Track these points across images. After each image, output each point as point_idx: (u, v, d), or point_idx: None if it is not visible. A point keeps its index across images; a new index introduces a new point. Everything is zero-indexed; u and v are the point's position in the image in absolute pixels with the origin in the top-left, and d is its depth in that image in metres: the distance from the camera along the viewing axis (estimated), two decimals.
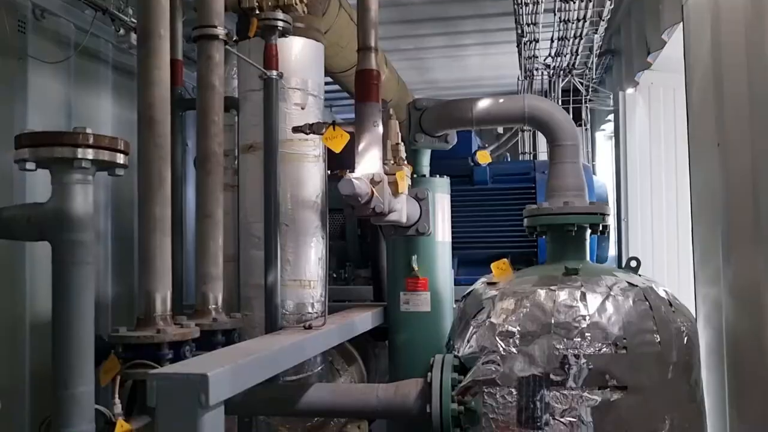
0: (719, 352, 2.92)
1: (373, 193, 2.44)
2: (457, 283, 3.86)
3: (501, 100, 3.26)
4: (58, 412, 1.75)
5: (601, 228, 2.99)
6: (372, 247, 4.11)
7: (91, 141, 1.73)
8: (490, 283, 2.97)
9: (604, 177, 6.28)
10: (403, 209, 2.89)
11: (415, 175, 3.46)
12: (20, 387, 3.53)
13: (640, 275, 2.89)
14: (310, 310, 3.14)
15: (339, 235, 4.33)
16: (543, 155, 6.44)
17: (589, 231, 3.00)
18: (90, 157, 1.73)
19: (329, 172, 3.34)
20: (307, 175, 3.17)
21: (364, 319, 3.20)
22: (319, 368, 3.20)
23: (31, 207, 1.84)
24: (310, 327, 2.59)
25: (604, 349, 2.54)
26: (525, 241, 4.25)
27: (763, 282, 2.52)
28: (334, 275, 4.55)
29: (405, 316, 3.45)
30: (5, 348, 3.50)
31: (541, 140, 6.56)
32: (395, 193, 2.71)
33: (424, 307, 3.43)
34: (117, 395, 1.95)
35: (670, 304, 2.72)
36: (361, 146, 2.59)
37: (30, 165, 1.75)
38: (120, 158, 1.84)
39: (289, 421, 3.37)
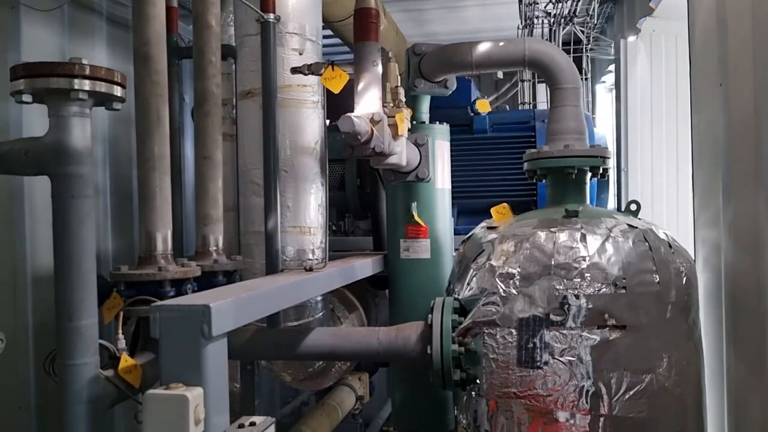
0: (717, 294, 2.94)
1: (372, 132, 2.42)
2: (456, 232, 3.86)
3: (501, 44, 3.22)
4: (62, 345, 1.76)
5: (601, 171, 2.99)
6: (371, 198, 4.11)
7: (87, 72, 1.71)
8: (490, 227, 2.98)
9: (604, 131, 6.25)
10: (402, 152, 2.87)
11: (414, 122, 3.44)
12: (23, 338, 3.55)
13: (639, 219, 2.90)
14: (310, 256, 3.14)
15: (338, 186, 4.32)
16: (542, 105, 6.40)
17: (589, 174, 3.00)
18: (87, 88, 1.71)
19: (328, 122, 3.31)
20: (306, 121, 3.14)
21: (364, 265, 3.21)
22: (320, 314, 3.22)
23: (29, 141, 1.83)
24: (310, 269, 2.60)
25: (604, 289, 2.55)
26: (524, 189, 4.25)
27: (762, 221, 2.52)
28: (334, 228, 4.55)
29: (405, 264, 3.46)
30: (7, 299, 3.51)
31: (541, 91, 6.51)
32: (395, 135, 2.69)
33: (424, 254, 3.44)
34: (121, 331, 1.96)
35: (670, 246, 2.73)
36: (360, 86, 2.56)
37: (26, 97, 1.73)
38: (117, 90, 1.82)
39: (291, 367, 3.41)
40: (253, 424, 1.79)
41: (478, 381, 2.69)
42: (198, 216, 2.49)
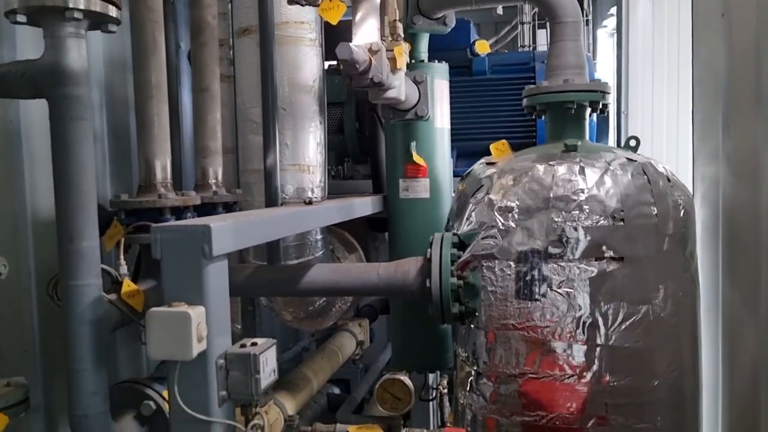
0: (715, 229, 2.96)
1: (371, 61, 2.40)
2: (456, 174, 3.85)
3: None
4: (64, 266, 1.77)
5: (601, 107, 2.97)
6: (370, 141, 4.10)
7: None
8: (489, 163, 2.98)
9: (605, 78, 6.17)
10: (401, 87, 2.86)
11: (413, 61, 3.41)
12: (25, 283, 3.56)
13: (639, 155, 2.89)
14: (309, 194, 3.15)
15: (337, 130, 4.29)
16: (542, 47, 6.31)
17: (589, 110, 2.99)
18: (81, 6, 1.69)
19: (326, 65, 3.29)
20: (304, 59, 3.11)
21: (363, 203, 3.22)
22: (320, 253, 3.24)
23: (25, 63, 1.81)
24: (310, 202, 2.61)
25: (602, 222, 2.57)
26: (524, 131, 4.24)
27: (761, 152, 2.52)
28: (333, 173, 4.55)
29: (404, 203, 3.47)
30: (7, 244, 3.51)
31: (541, 35, 6.42)
32: (393, 69, 2.67)
33: (423, 193, 3.44)
34: (122, 257, 1.97)
35: (669, 180, 2.73)
36: (358, 16, 2.53)
37: (21, 17, 1.71)
38: (112, 11, 1.80)
39: (291, 305, 3.45)
40: (254, 344, 1.82)
41: (476, 314, 2.72)
42: (197, 148, 2.49)
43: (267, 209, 2.44)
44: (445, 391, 3.76)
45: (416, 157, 3.34)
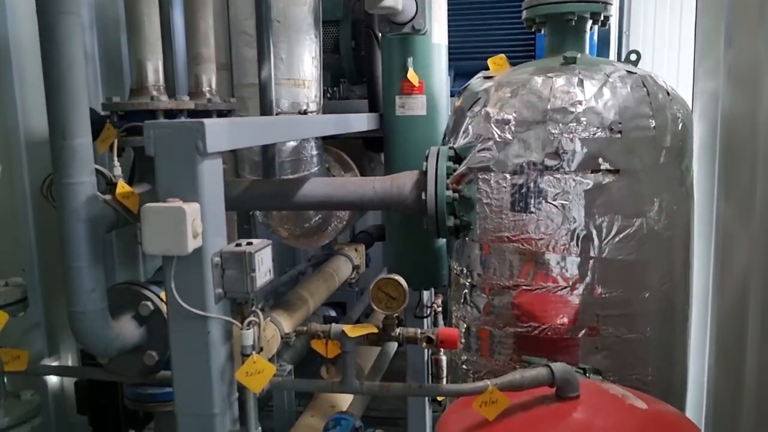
0: (712, 144, 2.95)
1: None
2: (452, 94, 3.81)
3: None
4: (57, 164, 1.76)
5: (602, 19, 2.91)
6: (366, 60, 4.03)
7: None
8: (487, 77, 2.94)
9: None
10: None
11: None
12: (21, 205, 3.55)
13: (639, 68, 2.85)
14: (305, 109, 3.12)
15: (332, 49, 4.21)
16: None
17: (589, 23, 2.93)
18: None
19: None
20: None
21: (359, 119, 3.19)
22: (316, 169, 3.23)
23: None
24: (305, 113, 2.58)
25: (599, 134, 2.55)
26: (522, 49, 4.17)
27: (762, 62, 2.49)
28: (329, 94, 4.49)
29: (400, 121, 3.43)
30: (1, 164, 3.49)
31: None
32: None
33: (419, 110, 3.40)
34: (116, 160, 1.96)
35: (668, 93, 2.70)
36: None
37: None
38: None
39: (287, 222, 3.46)
40: (250, 243, 1.83)
41: (471, 228, 2.74)
42: (189, 55, 2.44)
43: (262, 117, 2.41)
44: (440, 309, 3.81)
45: (413, 73, 3.28)
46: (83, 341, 2.02)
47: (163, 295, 1.99)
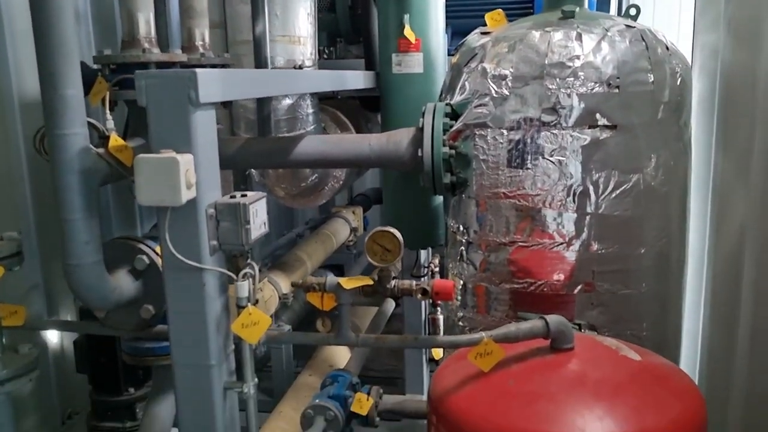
0: (711, 100, 2.93)
1: None
2: (449, 53, 3.77)
3: None
4: (49, 115, 1.75)
5: None
6: (363, 18, 3.98)
7: None
8: (484, 33, 2.90)
9: None
10: None
11: None
12: (17, 169, 3.53)
13: (638, 23, 2.81)
14: (300, 65, 3.08)
15: (328, 8, 4.17)
16: None
17: None
18: None
19: None
20: None
21: (355, 76, 3.16)
22: (312, 128, 3.21)
23: None
24: (300, 68, 2.55)
25: (597, 89, 2.52)
26: (520, 4, 4.11)
27: (762, 15, 2.46)
28: (325, 55, 4.45)
29: (397, 78, 3.41)
30: None
31: None
32: None
33: (416, 68, 3.38)
34: (108, 113, 1.94)
35: (667, 48, 2.67)
36: None
37: None
38: None
39: (284, 181, 3.46)
40: (244, 195, 1.82)
41: (468, 185, 2.72)
42: (182, 8, 2.40)
43: (257, 69, 2.39)
44: (437, 269, 3.82)
45: (409, 31, 3.24)
46: (79, 295, 2.03)
47: (158, 249, 1.99)
